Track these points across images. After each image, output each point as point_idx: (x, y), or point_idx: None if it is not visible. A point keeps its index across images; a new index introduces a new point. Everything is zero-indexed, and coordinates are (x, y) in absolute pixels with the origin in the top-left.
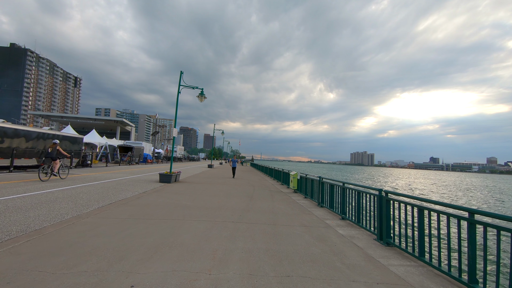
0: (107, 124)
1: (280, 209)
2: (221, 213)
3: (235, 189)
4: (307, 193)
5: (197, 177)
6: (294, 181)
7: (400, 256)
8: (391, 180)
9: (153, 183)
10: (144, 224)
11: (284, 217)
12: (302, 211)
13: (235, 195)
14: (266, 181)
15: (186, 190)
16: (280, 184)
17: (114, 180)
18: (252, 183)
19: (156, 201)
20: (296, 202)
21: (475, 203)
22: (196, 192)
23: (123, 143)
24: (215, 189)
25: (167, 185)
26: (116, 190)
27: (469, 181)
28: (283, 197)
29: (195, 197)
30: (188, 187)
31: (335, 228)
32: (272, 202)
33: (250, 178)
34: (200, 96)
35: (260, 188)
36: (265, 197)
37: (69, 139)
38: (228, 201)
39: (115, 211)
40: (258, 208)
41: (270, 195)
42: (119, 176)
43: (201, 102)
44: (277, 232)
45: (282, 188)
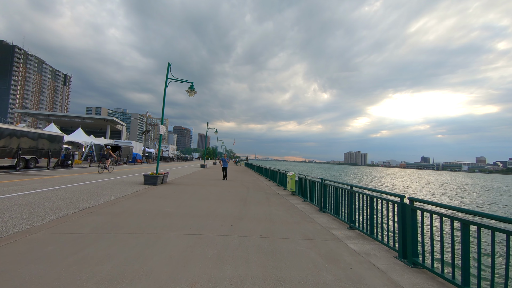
0: (97, 123)
1: (278, 216)
2: (209, 222)
3: (228, 191)
4: (306, 196)
5: (187, 178)
6: (292, 182)
7: (436, 284)
8: (388, 180)
9: (136, 185)
10: (107, 241)
11: (283, 226)
12: (303, 218)
13: (227, 198)
14: (261, 182)
15: (172, 193)
16: (276, 186)
17: (91, 183)
18: (246, 184)
19: (133, 208)
20: (295, 207)
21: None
22: (183, 196)
23: (109, 142)
24: (205, 192)
25: (151, 188)
26: (89, 195)
27: (464, 181)
28: (280, 201)
29: (181, 202)
30: (175, 190)
31: (345, 241)
32: (269, 207)
33: (244, 179)
34: (190, 90)
35: (255, 190)
36: (261, 200)
37: (47, 138)
38: (219, 207)
39: (77, 223)
40: (253, 214)
41: (266, 198)
42: (100, 178)
43: (191, 96)
44: (276, 249)
45: (279, 190)
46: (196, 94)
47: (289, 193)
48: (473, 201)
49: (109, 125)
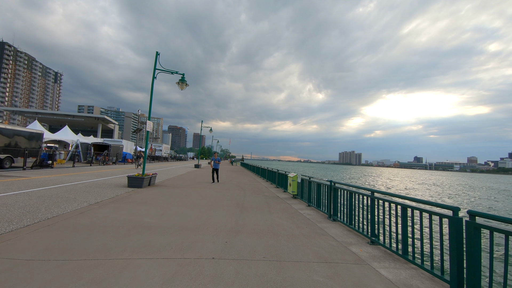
0: (88, 121)
1: (282, 226)
2: (198, 238)
3: (223, 194)
4: (311, 200)
5: (178, 179)
6: (294, 184)
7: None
8: (383, 180)
9: (119, 188)
10: (52, 273)
11: (291, 242)
12: (311, 229)
13: (221, 204)
14: (258, 184)
15: (158, 198)
16: (275, 188)
17: (66, 186)
18: (242, 186)
19: (105, 219)
20: (300, 214)
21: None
22: (170, 201)
23: (98, 141)
24: (197, 196)
25: (136, 191)
26: (57, 201)
27: (471, 183)
28: (282, 206)
29: (166, 209)
30: (163, 194)
31: (371, 264)
32: (270, 214)
33: (240, 180)
34: (181, 83)
35: (253, 193)
36: (260, 206)
37: (24, 135)
38: (212, 215)
39: (22, 242)
40: (252, 225)
41: (266, 202)
42: (80, 180)
43: (182, 89)
44: (287, 281)
45: (278, 192)
46: (192, 95)
47: (290, 196)
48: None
49: (101, 124)
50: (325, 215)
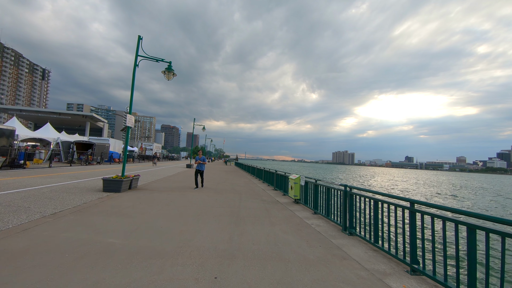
0: (75, 119)
1: (289, 245)
2: (174, 273)
3: (215, 199)
4: (317, 207)
5: (166, 181)
6: (296, 188)
7: None
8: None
9: (92, 193)
10: None
11: (306, 274)
12: (327, 249)
13: (213, 212)
14: (254, 186)
15: (136, 205)
16: (273, 190)
17: (27, 190)
18: (237, 188)
19: (53, 240)
20: (307, 225)
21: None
22: (150, 210)
23: (81, 139)
24: (184, 202)
25: (111, 197)
26: (3, 211)
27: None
28: (285, 214)
29: (142, 223)
30: (143, 200)
31: None
32: (272, 226)
33: (235, 181)
34: (167, 72)
35: (249, 197)
36: (259, 214)
37: None
38: (199, 229)
39: None
40: (251, 244)
41: (265, 209)
42: (48, 183)
43: (169, 80)
44: None
45: (277, 195)
46: (185, 93)
47: (291, 200)
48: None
49: (89, 122)
50: (337, 227)
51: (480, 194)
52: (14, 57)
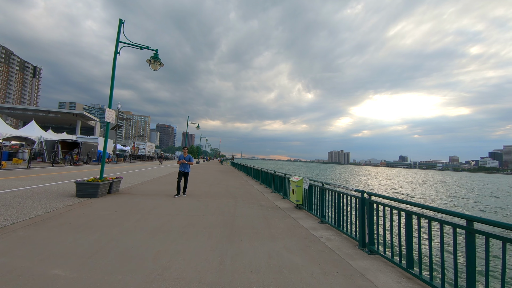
0: (65, 117)
1: (298, 273)
2: None
3: (206, 205)
4: (324, 215)
5: (154, 183)
6: (298, 192)
7: None
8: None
9: (62, 199)
10: None
11: None
12: (350, 280)
13: (202, 223)
14: (251, 188)
15: (110, 214)
16: (271, 192)
17: None
18: (232, 191)
19: None
20: (316, 239)
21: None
22: (125, 221)
23: (66, 138)
24: (170, 209)
25: (85, 203)
26: None
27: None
28: (287, 223)
29: (109, 240)
30: (122, 206)
31: None
32: (273, 242)
33: (230, 182)
34: (153, 61)
35: (246, 202)
36: (257, 225)
37: None
38: (180, 250)
39: None
40: (248, 272)
41: (264, 217)
42: (17, 186)
43: (155, 70)
44: None
45: (276, 199)
46: (180, 93)
47: (292, 205)
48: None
49: (80, 121)
50: (352, 242)
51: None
52: (5, 54)
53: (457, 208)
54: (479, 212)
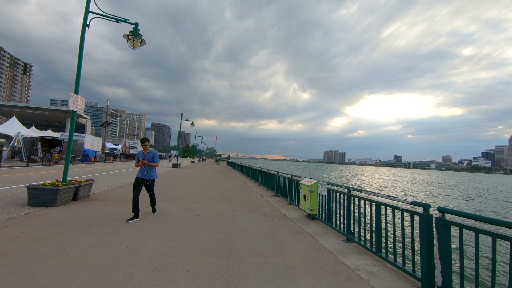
0: (54, 115)
1: None
2: None
3: (196, 216)
4: (352, 231)
5: None
6: (313, 198)
7: None
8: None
9: (10, 208)
10: None
11: None
12: None
13: (186, 246)
14: (250, 190)
15: (59, 236)
16: (274, 196)
17: None
18: (229, 195)
19: None
20: (353, 273)
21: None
22: (75, 247)
23: (47, 135)
24: (146, 223)
25: (32, 216)
26: None
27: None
28: (305, 244)
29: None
30: (81, 221)
31: None
32: (294, 285)
33: (226, 184)
34: (132, 37)
35: (246, 210)
36: (265, 248)
37: None
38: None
39: None
40: None
41: (272, 236)
42: None
43: (135, 48)
44: None
45: (281, 204)
46: (175, 91)
47: (302, 213)
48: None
49: (69, 118)
50: (407, 278)
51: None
52: None
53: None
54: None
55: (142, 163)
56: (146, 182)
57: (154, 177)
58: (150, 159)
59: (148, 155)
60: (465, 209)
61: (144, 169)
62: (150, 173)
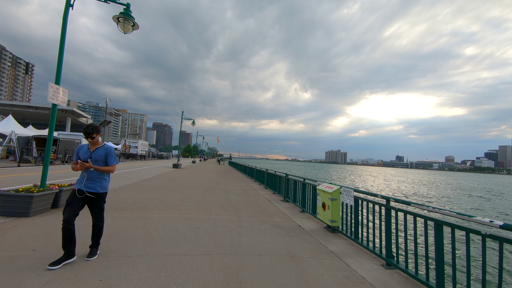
0: None
1: None
2: None
3: (197, 229)
4: (392, 254)
5: (131, 189)
6: (334, 207)
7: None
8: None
9: None
10: None
11: None
12: None
13: (181, 279)
14: (256, 194)
15: (15, 262)
16: (282, 201)
17: None
18: (233, 199)
19: None
20: None
21: None
22: (35, 280)
23: (42, 134)
24: (133, 236)
25: (1, 228)
26: None
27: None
28: (335, 272)
29: None
30: (52, 238)
31: None
32: None
33: (229, 185)
34: (123, 19)
35: (254, 220)
36: (285, 279)
37: None
38: None
39: None
40: None
41: (291, 258)
42: None
43: (126, 33)
44: None
45: (292, 212)
46: (176, 91)
47: (319, 224)
48: None
49: (70, 117)
50: None
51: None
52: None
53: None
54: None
55: (82, 166)
56: (89, 201)
57: (104, 188)
58: (99, 160)
59: (97, 154)
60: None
61: (86, 175)
62: (97, 183)
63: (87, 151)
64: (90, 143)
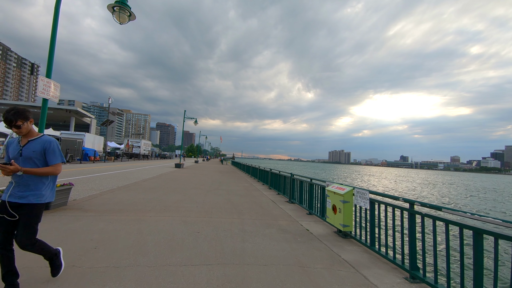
0: (58, 114)
1: None
2: None
3: (196, 234)
4: (417, 266)
5: (130, 190)
6: (347, 210)
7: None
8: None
9: None
10: None
11: None
12: None
13: (180, 287)
14: (259, 194)
15: None
16: (287, 202)
17: None
18: (236, 201)
19: None
20: None
21: None
22: None
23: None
24: (127, 243)
25: None
26: None
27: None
28: (352, 284)
29: None
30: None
31: None
32: None
33: (232, 186)
34: (118, 9)
35: (258, 223)
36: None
37: None
38: None
39: None
40: None
41: (301, 269)
42: None
43: (122, 23)
44: None
45: (299, 215)
46: (180, 92)
47: (328, 228)
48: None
49: (74, 117)
50: None
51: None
52: (2, 51)
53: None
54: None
55: (3, 169)
56: (13, 216)
57: (39, 197)
58: (34, 157)
59: (29, 149)
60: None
61: (14, 181)
62: (30, 191)
63: (17, 146)
64: (17, 134)
